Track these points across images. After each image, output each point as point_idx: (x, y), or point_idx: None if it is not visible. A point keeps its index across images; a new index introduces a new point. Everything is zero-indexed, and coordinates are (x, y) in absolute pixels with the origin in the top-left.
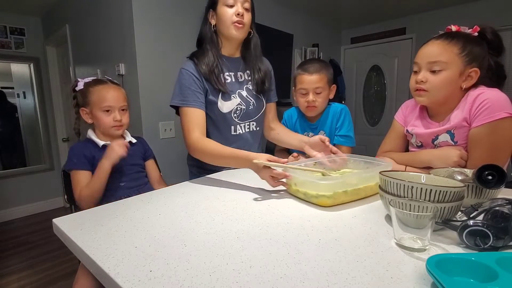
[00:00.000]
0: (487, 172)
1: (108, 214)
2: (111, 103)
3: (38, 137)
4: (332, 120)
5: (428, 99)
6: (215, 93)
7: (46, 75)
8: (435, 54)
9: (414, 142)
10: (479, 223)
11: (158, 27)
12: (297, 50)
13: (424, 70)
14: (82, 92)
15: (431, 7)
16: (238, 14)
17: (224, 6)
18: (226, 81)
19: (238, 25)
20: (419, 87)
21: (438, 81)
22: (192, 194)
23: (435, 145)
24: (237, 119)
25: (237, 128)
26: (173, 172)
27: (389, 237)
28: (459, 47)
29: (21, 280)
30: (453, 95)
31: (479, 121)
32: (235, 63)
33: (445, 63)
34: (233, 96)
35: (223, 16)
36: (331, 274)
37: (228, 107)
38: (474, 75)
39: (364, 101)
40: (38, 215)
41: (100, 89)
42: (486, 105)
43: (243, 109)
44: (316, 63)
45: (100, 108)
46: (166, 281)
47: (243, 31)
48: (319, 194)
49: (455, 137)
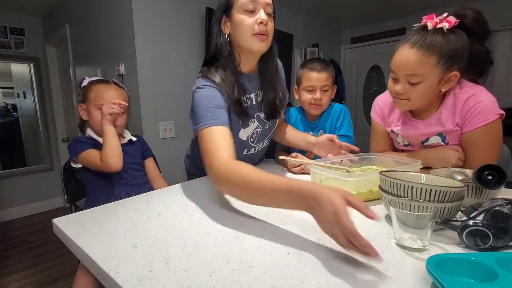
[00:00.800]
0: (487, 172)
1: (108, 214)
2: (105, 102)
3: (38, 137)
4: (332, 120)
5: (407, 106)
6: (237, 119)
7: (46, 75)
8: (412, 67)
9: (401, 141)
10: (479, 223)
11: (158, 27)
12: (297, 50)
13: (402, 81)
14: (84, 89)
15: (431, 7)
16: (261, 22)
17: (242, 12)
18: (246, 104)
19: (262, 36)
20: (398, 97)
21: (417, 92)
22: (192, 194)
23: (424, 146)
24: (253, 143)
25: (250, 150)
26: (173, 172)
27: (389, 237)
28: (436, 57)
29: (21, 280)
30: (434, 99)
31: (474, 125)
32: (254, 81)
33: (422, 76)
34: (251, 122)
35: (241, 26)
36: (331, 274)
37: (246, 133)
38: (454, 78)
39: (364, 101)
40: (38, 215)
41: (100, 87)
42: (478, 108)
43: (259, 132)
44: (322, 62)
45: (95, 106)
46: (166, 281)
47: (267, 42)
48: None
49: (447, 139)
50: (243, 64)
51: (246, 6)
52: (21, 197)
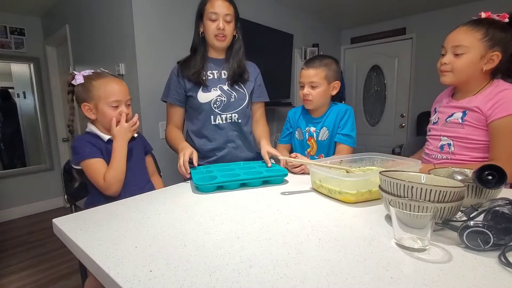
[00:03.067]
0: (487, 172)
1: (108, 214)
2: (119, 97)
3: (38, 137)
4: (336, 118)
5: (451, 79)
6: (196, 88)
7: (46, 75)
8: (459, 39)
9: (433, 118)
10: (479, 224)
11: (158, 27)
12: (297, 50)
13: (449, 53)
14: (83, 86)
15: (431, 7)
16: (219, 28)
17: (208, 19)
18: (208, 77)
19: (220, 37)
20: (443, 69)
21: (460, 63)
22: (192, 194)
23: (446, 121)
24: (217, 109)
25: (217, 118)
26: (173, 172)
27: (389, 237)
28: (482, 33)
29: (21, 280)
30: (474, 76)
31: (501, 114)
32: (219, 62)
33: (467, 47)
34: (213, 89)
35: (206, 29)
36: (331, 274)
37: (206, 98)
38: (495, 58)
39: (364, 101)
40: (38, 215)
41: (105, 82)
42: (507, 100)
43: (223, 101)
44: (317, 59)
45: (108, 103)
46: (166, 281)
47: (224, 42)
48: (342, 190)
49: (466, 116)
50: (211, 52)
51: (210, 16)
52: (21, 197)
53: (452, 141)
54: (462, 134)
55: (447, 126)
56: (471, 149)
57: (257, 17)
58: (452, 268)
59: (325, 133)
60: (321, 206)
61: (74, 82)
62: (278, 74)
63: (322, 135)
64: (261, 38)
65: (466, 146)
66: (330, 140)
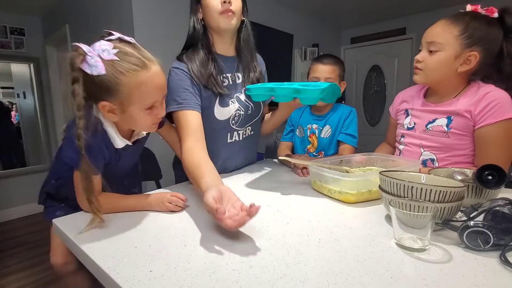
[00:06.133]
0: (487, 172)
1: (108, 214)
2: (157, 97)
3: (38, 137)
4: (340, 118)
5: (422, 78)
6: (212, 98)
7: (46, 75)
8: (433, 35)
9: (407, 123)
10: (479, 224)
11: (158, 26)
12: (297, 50)
13: (424, 49)
14: (104, 80)
15: (431, 7)
16: (224, 2)
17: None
18: (223, 84)
19: (226, 12)
20: (416, 66)
21: (432, 61)
22: (192, 195)
23: (427, 128)
24: (235, 125)
25: (233, 135)
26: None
27: (389, 237)
28: (460, 29)
29: (20, 280)
30: (448, 78)
31: (492, 119)
32: (231, 62)
33: (441, 44)
34: (231, 102)
35: (207, 7)
36: (331, 274)
37: (224, 113)
38: (472, 59)
39: (364, 101)
40: (38, 215)
41: (140, 79)
42: (497, 104)
43: (241, 115)
44: (331, 57)
45: (142, 106)
46: (166, 281)
47: (233, 19)
48: (342, 190)
49: (452, 123)
50: (217, 45)
51: None
52: (21, 197)
53: (435, 155)
54: (447, 144)
55: (428, 134)
56: (455, 163)
57: (257, 17)
58: (452, 268)
59: (328, 131)
60: (321, 206)
61: (88, 70)
62: (278, 74)
63: (325, 133)
64: (261, 38)
65: (451, 160)
66: (332, 138)
